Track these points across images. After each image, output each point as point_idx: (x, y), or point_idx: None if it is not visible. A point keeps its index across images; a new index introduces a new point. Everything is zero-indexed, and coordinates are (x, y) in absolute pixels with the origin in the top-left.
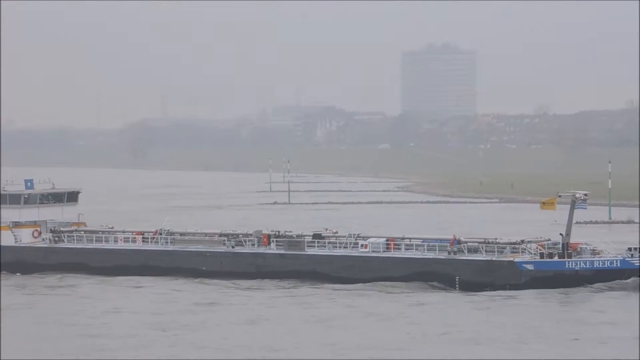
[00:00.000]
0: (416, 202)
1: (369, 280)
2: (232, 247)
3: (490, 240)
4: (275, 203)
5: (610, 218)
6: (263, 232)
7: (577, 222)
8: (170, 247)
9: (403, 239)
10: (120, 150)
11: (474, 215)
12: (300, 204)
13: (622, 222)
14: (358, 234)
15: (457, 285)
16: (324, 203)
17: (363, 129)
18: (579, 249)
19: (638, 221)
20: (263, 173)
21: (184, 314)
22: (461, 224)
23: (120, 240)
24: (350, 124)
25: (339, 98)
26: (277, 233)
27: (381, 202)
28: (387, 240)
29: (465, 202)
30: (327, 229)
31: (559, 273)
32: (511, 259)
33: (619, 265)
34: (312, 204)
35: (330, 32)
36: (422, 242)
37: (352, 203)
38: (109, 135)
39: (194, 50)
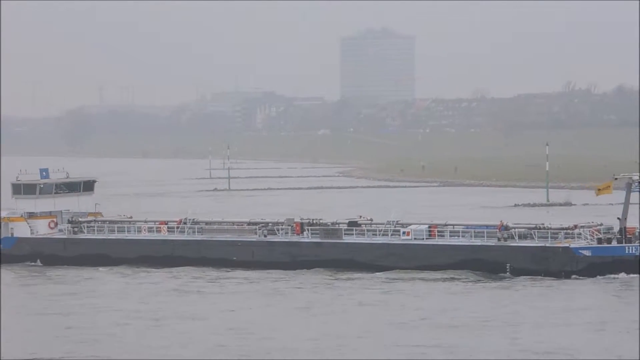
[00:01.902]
0: (357, 187)
1: (412, 268)
2: (265, 235)
3: (540, 225)
4: (215, 190)
5: (548, 200)
6: (295, 220)
7: (515, 205)
8: (198, 237)
9: (446, 225)
10: (57, 138)
11: (419, 200)
12: (241, 190)
13: (560, 205)
14: (397, 221)
15: (508, 273)
16: (264, 189)
17: (303, 115)
18: (637, 234)
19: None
20: (203, 160)
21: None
22: (406, 208)
23: (144, 230)
24: (290, 109)
25: (278, 83)
26: (310, 221)
27: (321, 188)
28: (429, 227)
29: (406, 187)
30: (361, 216)
31: (619, 259)
32: (567, 244)
33: None
34: (252, 190)
35: (269, 16)
36: (467, 228)
37: (293, 189)
38: (46, 123)
39: (132, 37)
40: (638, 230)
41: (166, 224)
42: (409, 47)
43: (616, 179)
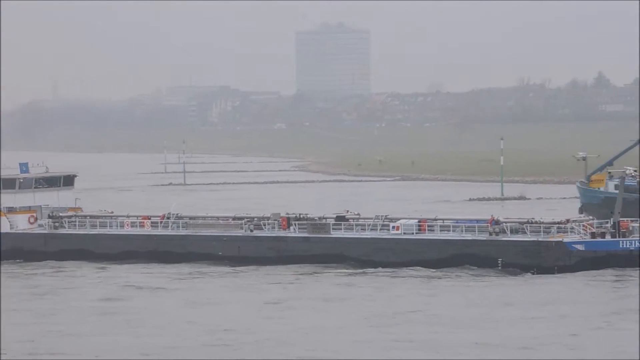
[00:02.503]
0: (313, 181)
1: (402, 264)
2: (251, 230)
3: (532, 220)
4: (170, 184)
5: (502, 194)
6: (281, 214)
7: (470, 199)
8: (183, 232)
9: (436, 219)
10: (12, 132)
11: (376, 194)
12: (196, 184)
13: (515, 199)
14: (385, 216)
15: (499, 268)
16: (220, 184)
17: (258, 109)
18: (630, 228)
19: None
20: (158, 154)
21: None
22: (361, 202)
23: (127, 225)
24: (246, 103)
25: (233, 78)
26: (297, 215)
27: (277, 182)
28: (419, 221)
29: (362, 181)
30: (348, 211)
31: (612, 253)
32: (559, 239)
33: None
34: (207, 184)
35: (226, 11)
36: (457, 222)
37: (248, 183)
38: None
39: (86, 30)
40: (632, 225)
41: (149, 218)
42: (364, 42)
43: (610, 173)
